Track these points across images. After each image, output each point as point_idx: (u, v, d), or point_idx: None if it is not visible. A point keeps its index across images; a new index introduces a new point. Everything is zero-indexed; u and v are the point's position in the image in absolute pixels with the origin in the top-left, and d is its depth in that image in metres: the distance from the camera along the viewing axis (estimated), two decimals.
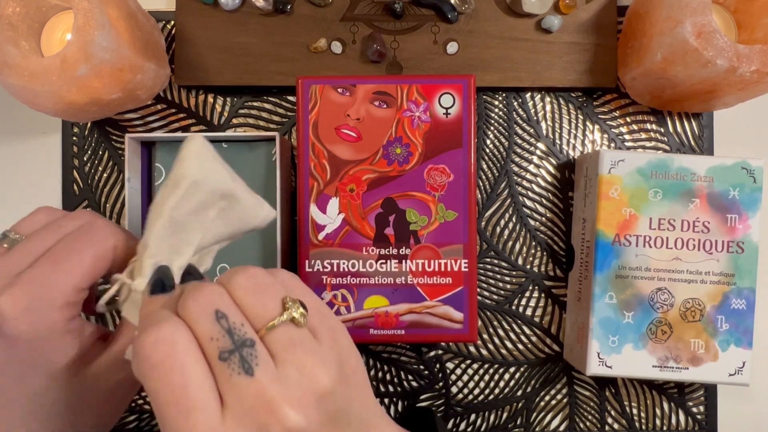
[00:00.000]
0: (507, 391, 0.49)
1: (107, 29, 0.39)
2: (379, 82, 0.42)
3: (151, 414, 0.49)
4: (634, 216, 0.43)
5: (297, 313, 0.26)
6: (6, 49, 0.40)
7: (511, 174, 0.50)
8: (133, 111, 0.50)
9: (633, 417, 0.49)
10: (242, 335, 0.24)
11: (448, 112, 0.42)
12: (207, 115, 0.50)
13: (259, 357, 0.24)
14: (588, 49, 0.48)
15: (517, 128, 0.50)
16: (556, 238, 0.50)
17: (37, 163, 0.50)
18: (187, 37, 0.48)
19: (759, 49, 0.40)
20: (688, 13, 0.40)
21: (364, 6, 0.48)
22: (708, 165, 0.43)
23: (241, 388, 0.23)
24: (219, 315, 0.24)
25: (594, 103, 0.50)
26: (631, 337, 0.43)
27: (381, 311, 0.41)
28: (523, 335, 0.49)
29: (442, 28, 0.48)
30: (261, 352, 0.24)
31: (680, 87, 0.44)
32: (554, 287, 0.49)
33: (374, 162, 0.42)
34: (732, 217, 0.43)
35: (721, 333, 0.43)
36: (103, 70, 0.40)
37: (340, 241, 0.42)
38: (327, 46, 0.48)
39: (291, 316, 0.25)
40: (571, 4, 0.48)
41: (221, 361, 0.24)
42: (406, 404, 0.49)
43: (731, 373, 0.43)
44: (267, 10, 0.48)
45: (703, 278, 0.43)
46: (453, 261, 0.41)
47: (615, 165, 0.44)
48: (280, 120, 0.50)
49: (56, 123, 0.50)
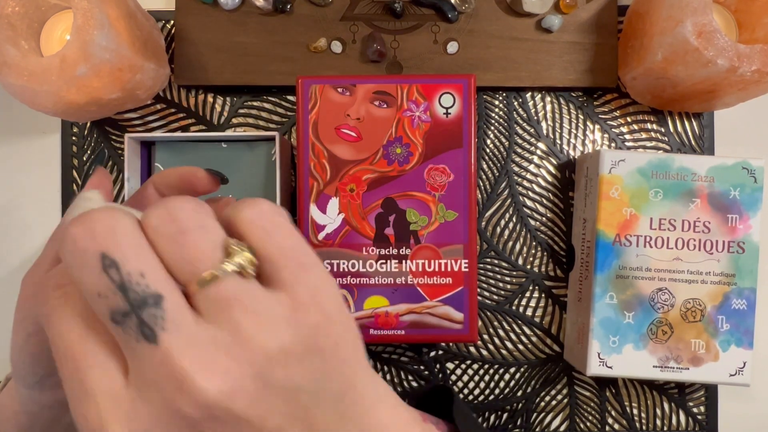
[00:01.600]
0: (507, 391, 0.49)
1: (107, 29, 0.39)
2: (379, 82, 0.42)
3: None
4: (634, 216, 0.43)
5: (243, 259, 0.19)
6: (5, 49, 0.40)
7: (512, 174, 0.50)
8: (133, 111, 0.49)
9: (633, 417, 0.49)
10: (142, 291, 0.18)
11: (449, 111, 0.42)
12: (207, 115, 0.50)
13: (167, 318, 0.18)
14: (588, 49, 0.48)
15: (517, 128, 0.50)
16: (557, 238, 0.49)
17: (37, 163, 0.50)
18: (186, 37, 0.48)
19: (759, 49, 0.40)
20: (689, 12, 0.40)
21: (364, 6, 0.48)
22: (708, 165, 0.43)
23: (143, 358, 0.18)
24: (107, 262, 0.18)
25: (594, 103, 0.50)
26: (631, 337, 0.43)
27: (381, 311, 0.41)
28: (524, 335, 0.49)
29: (442, 27, 0.48)
30: (171, 311, 0.18)
31: (681, 87, 0.44)
32: (554, 287, 0.49)
33: (374, 162, 0.41)
34: (732, 217, 0.43)
35: (722, 333, 0.43)
36: (102, 69, 0.40)
37: (340, 241, 0.41)
38: (327, 45, 0.48)
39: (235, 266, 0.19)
40: (572, 4, 0.48)
41: (114, 324, 0.18)
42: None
43: (732, 374, 0.43)
44: (267, 9, 0.48)
45: (704, 278, 0.43)
46: (453, 261, 0.41)
47: (615, 165, 0.43)
48: (280, 120, 0.50)
49: (56, 123, 0.50)
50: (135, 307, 0.18)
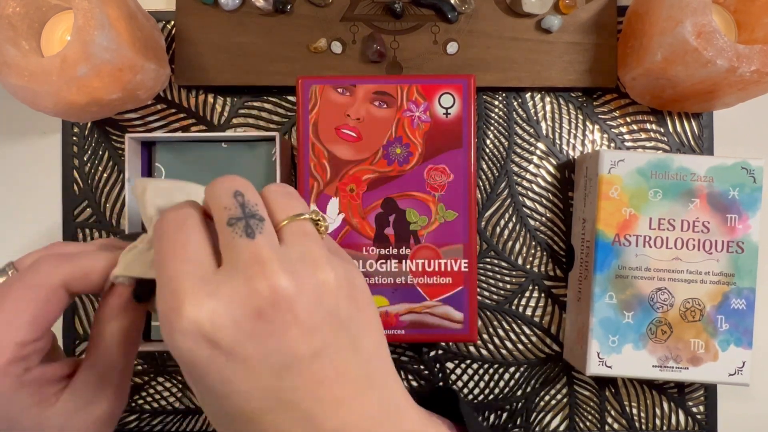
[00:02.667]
0: (507, 391, 0.49)
1: (107, 29, 0.39)
2: (379, 82, 0.42)
3: (151, 414, 0.49)
4: (634, 216, 0.43)
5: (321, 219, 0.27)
6: (6, 49, 0.40)
7: (511, 174, 0.50)
8: (133, 111, 0.50)
9: (633, 417, 0.49)
10: (254, 210, 0.25)
11: (448, 112, 0.42)
12: (207, 115, 0.50)
13: (264, 229, 0.25)
14: (588, 49, 0.48)
15: (517, 128, 0.50)
16: (556, 238, 0.50)
17: (37, 163, 0.50)
18: (187, 37, 0.48)
19: (759, 49, 0.40)
20: (689, 13, 0.40)
21: (364, 6, 0.48)
22: (708, 165, 0.43)
23: (240, 248, 0.24)
24: (237, 193, 0.25)
25: (594, 103, 0.50)
26: (631, 337, 0.43)
27: (381, 311, 0.41)
28: (523, 335, 0.49)
29: (442, 28, 0.48)
30: (268, 227, 0.25)
31: (680, 87, 0.44)
32: (554, 287, 0.49)
33: (374, 162, 0.42)
34: (732, 217, 0.43)
35: (721, 333, 0.43)
36: (103, 70, 0.40)
37: (340, 241, 0.42)
38: (327, 46, 0.48)
39: (314, 218, 0.26)
40: (571, 4, 0.48)
41: (228, 226, 0.24)
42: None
43: (731, 373, 0.43)
44: (267, 10, 0.48)
45: (703, 278, 0.43)
46: (453, 261, 0.41)
47: (615, 165, 0.44)
48: (280, 120, 0.50)
49: (56, 123, 0.50)
50: (246, 216, 0.25)
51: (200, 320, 0.23)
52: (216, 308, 0.23)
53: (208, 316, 0.23)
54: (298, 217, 0.26)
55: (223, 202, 0.25)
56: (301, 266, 0.24)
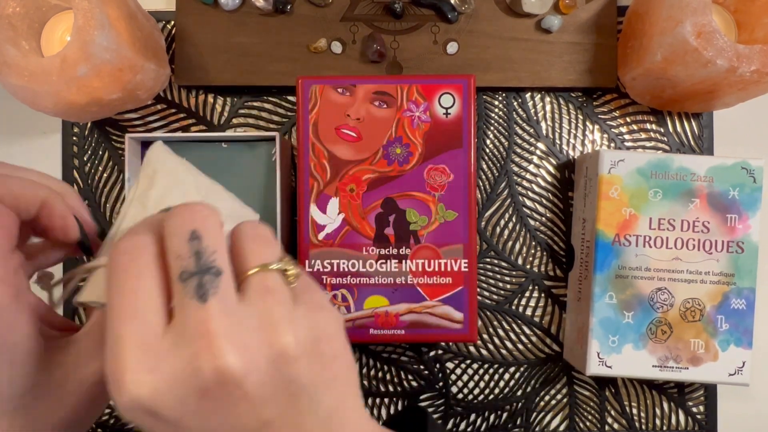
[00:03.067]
0: (507, 391, 0.49)
1: (107, 29, 0.39)
2: (379, 82, 0.42)
3: None
4: (634, 216, 0.43)
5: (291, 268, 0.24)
6: (6, 49, 0.40)
7: (511, 174, 0.50)
8: (133, 111, 0.50)
9: (633, 417, 0.49)
10: (209, 262, 0.23)
11: (448, 112, 0.42)
12: (207, 115, 0.50)
13: (220, 288, 0.22)
14: (588, 49, 0.48)
15: (517, 128, 0.50)
16: (556, 238, 0.50)
17: (37, 163, 0.50)
18: (187, 37, 0.48)
19: (759, 49, 0.40)
20: (688, 13, 0.40)
21: (364, 6, 0.48)
22: (708, 165, 0.43)
23: (189, 313, 0.22)
24: (194, 235, 0.23)
25: (594, 103, 0.50)
26: (631, 337, 0.43)
27: (381, 311, 0.41)
28: (523, 335, 0.49)
29: (442, 28, 0.48)
30: (225, 285, 0.23)
31: (680, 87, 0.44)
32: (554, 287, 0.49)
33: (374, 162, 0.42)
34: (732, 217, 0.43)
35: (721, 333, 0.43)
36: (103, 70, 0.40)
37: (340, 241, 0.42)
38: (327, 46, 0.48)
39: (283, 268, 0.24)
40: (571, 4, 0.48)
41: (180, 281, 0.22)
42: (405, 404, 0.49)
43: (731, 373, 0.43)
44: (267, 10, 0.48)
45: (703, 278, 0.43)
46: (453, 261, 0.41)
47: (615, 165, 0.44)
48: (280, 120, 0.50)
49: (56, 123, 0.50)
50: (200, 271, 0.22)
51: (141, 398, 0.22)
52: (158, 386, 0.22)
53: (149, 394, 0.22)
54: (264, 268, 0.24)
55: (177, 247, 0.23)
56: (256, 336, 0.22)
